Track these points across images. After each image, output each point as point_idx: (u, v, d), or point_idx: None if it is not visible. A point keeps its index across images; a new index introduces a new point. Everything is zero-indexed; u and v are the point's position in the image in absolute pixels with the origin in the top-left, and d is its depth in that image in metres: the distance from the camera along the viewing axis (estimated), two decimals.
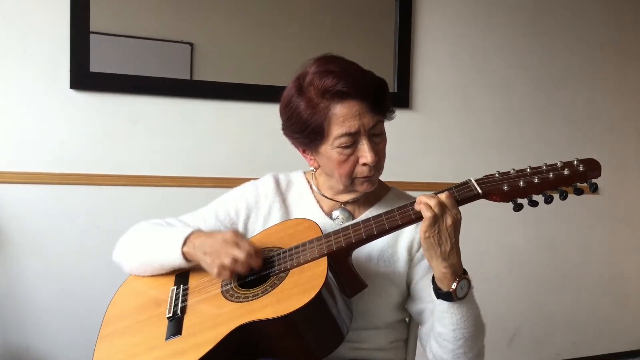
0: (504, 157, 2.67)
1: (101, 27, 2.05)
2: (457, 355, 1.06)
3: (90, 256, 2.07)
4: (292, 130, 1.15)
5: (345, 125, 1.08)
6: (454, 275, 1.01)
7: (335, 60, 1.13)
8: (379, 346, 1.19)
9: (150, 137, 2.15)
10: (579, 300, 2.89)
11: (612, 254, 2.95)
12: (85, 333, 1.98)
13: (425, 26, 2.52)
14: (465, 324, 1.04)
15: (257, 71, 2.25)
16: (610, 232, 2.94)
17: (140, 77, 2.11)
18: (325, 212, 1.23)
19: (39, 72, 2.01)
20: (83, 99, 2.06)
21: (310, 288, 0.96)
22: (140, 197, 2.13)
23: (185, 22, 2.18)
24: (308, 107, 1.10)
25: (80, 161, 2.07)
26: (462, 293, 1.01)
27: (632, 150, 2.96)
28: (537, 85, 2.74)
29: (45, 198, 2.04)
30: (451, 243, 0.99)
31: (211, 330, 0.98)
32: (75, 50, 2.02)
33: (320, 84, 1.08)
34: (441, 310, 1.04)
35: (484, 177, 1.01)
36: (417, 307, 1.18)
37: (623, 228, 2.96)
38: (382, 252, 1.18)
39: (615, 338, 2.99)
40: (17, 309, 2.03)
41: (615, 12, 2.88)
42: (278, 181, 1.28)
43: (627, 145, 2.94)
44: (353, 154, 1.11)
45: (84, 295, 2.07)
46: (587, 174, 0.96)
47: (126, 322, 1.10)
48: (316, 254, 1.03)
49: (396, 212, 1.04)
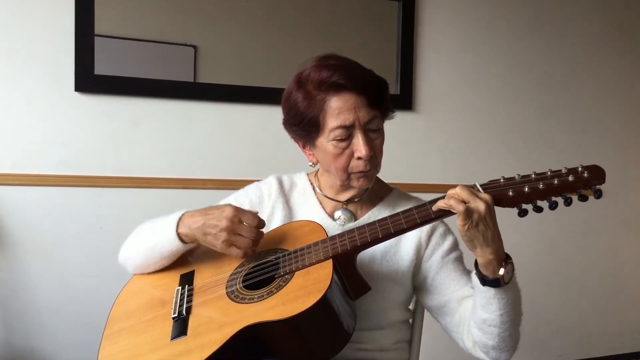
0: (507, 159, 2.68)
1: (106, 30, 2.06)
2: (502, 338, 1.06)
3: (94, 258, 2.07)
4: (291, 123, 1.17)
5: (340, 118, 1.09)
6: (500, 260, 1.00)
7: (335, 57, 1.15)
8: (382, 347, 1.19)
9: (154, 139, 2.16)
10: (581, 301, 2.89)
11: (614, 255, 2.95)
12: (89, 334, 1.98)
13: (427, 29, 2.53)
14: (512, 306, 1.03)
15: (260, 73, 2.26)
16: (613, 234, 2.94)
17: (144, 80, 2.12)
18: (327, 213, 1.23)
19: (44, 74, 2.02)
20: (87, 102, 2.07)
21: (315, 290, 0.96)
22: (144, 199, 2.14)
23: (189, 25, 2.19)
24: (305, 99, 1.12)
25: (84, 163, 2.08)
26: (508, 277, 1.01)
27: (634, 152, 2.95)
28: (540, 87, 2.75)
29: (50, 200, 2.05)
30: (491, 227, 0.97)
31: (216, 331, 0.99)
32: (80, 53, 2.03)
33: (316, 76, 1.10)
34: (487, 297, 1.02)
35: (489, 182, 1.01)
36: (439, 301, 1.18)
37: (625, 230, 2.96)
38: (386, 252, 1.19)
39: (618, 340, 2.98)
40: (21, 310, 2.04)
41: (618, 14, 2.88)
42: (281, 182, 1.29)
43: (630, 148, 2.94)
44: (348, 148, 1.11)
45: (87, 297, 2.07)
46: (591, 181, 0.96)
47: (131, 322, 1.11)
48: (321, 257, 1.03)
49: (401, 216, 1.04)
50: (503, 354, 1.09)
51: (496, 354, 1.09)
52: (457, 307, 1.15)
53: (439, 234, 1.21)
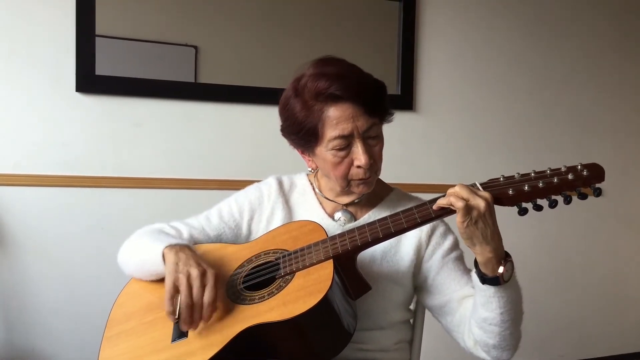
0: (507, 159, 2.68)
1: (106, 30, 2.06)
2: (504, 337, 1.06)
3: (95, 258, 2.08)
4: (289, 132, 1.17)
5: (339, 128, 1.08)
6: (499, 258, 1.00)
7: (333, 63, 1.13)
8: (383, 347, 1.19)
9: (155, 139, 2.16)
10: (582, 301, 2.89)
11: (614, 255, 2.95)
12: (91, 334, 1.99)
13: (428, 28, 2.53)
14: (512, 304, 1.03)
15: (261, 74, 2.26)
16: (613, 234, 2.94)
17: (145, 80, 2.12)
18: (327, 214, 1.23)
19: (45, 75, 2.02)
20: (88, 102, 2.07)
21: (316, 291, 0.96)
22: (145, 200, 2.14)
23: (190, 26, 2.19)
24: (303, 109, 1.11)
25: (85, 164, 2.08)
26: (507, 276, 1.01)
27: (635, 151, 2.95)
28: (540, 87, 2.75)
29: (51, 200, 2.05)
30: (491, 225, 0.97)
31: (218, 332, 0.99)
32: (81, 53, 2.03)
33: (313, 87, 1.09)
34: (487, 295, 1.02)
35: (489, 180, 1.01)
36: (439, 301, 1.18)
37: (626, 229, 2.96)
38: (386, 252, 1.19)
39: (618, 339, 2.98)
40: (22, 311, 2.04)
41: (618, 14, 2.88)
42: (281, 183, 1.29)
43: (630, 147, 2.94)
44: (347, 156, 1.11)
45: (89, 297, 2.08)
46: (590, 179, 0.96)
47: (131, 324, 1.10)
48: (322, 257, 1.03)
49: (401, 216, 1.04)
50: (504, 353, 1.09)
51: (497, 353, 1.09)
52: (458, 307, 1.15)
53: (439, 234, 1.21)
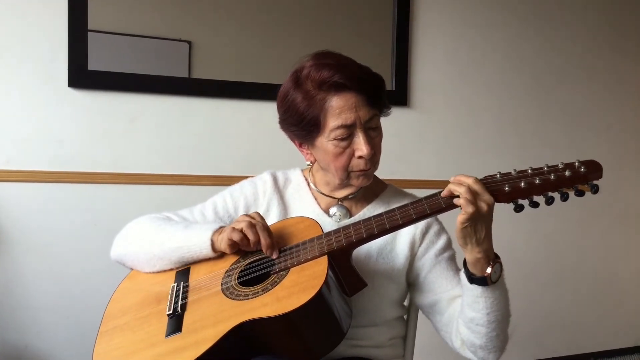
0: (502, 155, 2.68)
1: (99, 25, 2.05)
2: (490, 338, 1.06)
3: (89, 254, 2.07)
4: (289, 124, 1.16)
5: (342, 117, 1.09)
6: (488, 260, 1.01)
7: (332, 55, 1.15)
8: (377, 343, 1.20)
9: (149, 135, 2.15)
10: (576, 297, 2.91)
11: (608, 251, 2.97)
12: (84, 331, 1.99)
13: (423, 24, 2.53)
14: (499, 306, 1.04)
15: (255, 69, 2.25)
16: (607, 230, 2.95)
17: (138, 75, 2.11)
18: (322, 209, 1.23)
19: (37, 70, 2.00)
20: (81, 97, 2.06)
21: (310, 287, 0.96)
22: (138, 195, 2.13)
23: (184, 21, 2.18)
24: (304, 100, 1.11)
25: (78, 159, 2.07)
26: (495, 277, 1.02)
27: (629, 148, 2.97)
28: (535, 83, 2.75)
29: (43, 196, 2.03)
30: (486, 229, 0.99)
31: (211, 327, 0.99)
32: (73, 48, 2.01)
33: (317, 76, 1.09)
34: (474, 295, 1.03)
35: (485, 177, 1.01)
36: (430, 299, 1.19)
37: (620, 226, 2.98)
38: (381, 249, 1.19)
39: (612, 335, 3.00)
40: (15, 308, 2.03)
41: (612, 12, 2.88)
42: (276, 178, 1.29)
43: (625, 144, 2.95)
44: (349, 147, 1.12)
45: (82, 294, 2.07)
46: (588, 176, 0.96)
47: (126, 319, 1.10)
48: (316, 253, 1.03)
49: (397, 212, 1.04)
50: (491, 355, 1.10)
51: (484, 354, 1.10)
52: (447, 307, 1.15)
53: (433, 232, 1.21)
